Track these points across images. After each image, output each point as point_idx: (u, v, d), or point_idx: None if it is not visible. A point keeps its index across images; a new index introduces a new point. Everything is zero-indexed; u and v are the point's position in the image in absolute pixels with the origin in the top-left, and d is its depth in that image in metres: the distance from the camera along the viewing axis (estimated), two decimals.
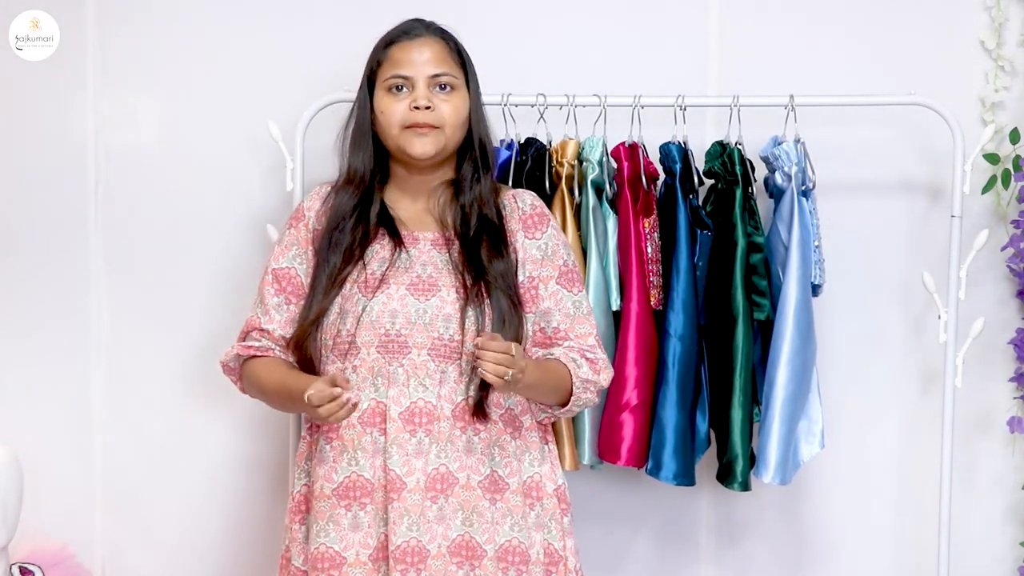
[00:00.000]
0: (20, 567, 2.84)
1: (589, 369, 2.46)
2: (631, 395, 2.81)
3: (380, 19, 2.55)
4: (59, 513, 3.09)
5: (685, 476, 2.83)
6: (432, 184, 2.52)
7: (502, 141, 2.85)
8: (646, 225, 2.84)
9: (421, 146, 2.44)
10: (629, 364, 2.80)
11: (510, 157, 2.83)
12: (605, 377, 2.49)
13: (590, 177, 2.84)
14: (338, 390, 2.25)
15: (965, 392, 2.95)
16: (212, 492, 3.12)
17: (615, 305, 2.84)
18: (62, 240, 3.08)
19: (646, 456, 2.84)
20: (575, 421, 2.85)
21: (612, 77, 3.00)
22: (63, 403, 3.10)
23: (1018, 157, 3.01)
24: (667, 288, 2.84)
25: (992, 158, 3.02)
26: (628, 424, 2.81)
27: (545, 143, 2.87)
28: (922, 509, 3.07)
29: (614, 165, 2.86)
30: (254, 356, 2.50)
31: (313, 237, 2.51)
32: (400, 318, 2.40)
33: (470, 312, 2.40)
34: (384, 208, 2.50)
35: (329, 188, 2.55)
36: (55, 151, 3.07)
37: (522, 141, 2.86)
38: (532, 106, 2.84)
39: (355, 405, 2.28)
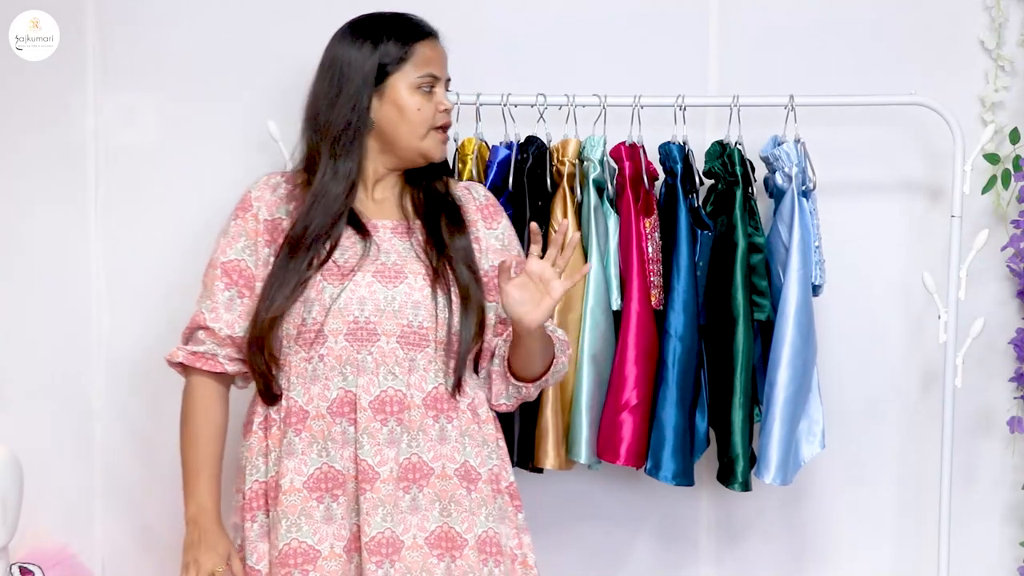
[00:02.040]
0: (20, 567, 2.84)
1: (562, 346, 2.48)
2: (631, 395, 2.81)
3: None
4: (59, 513, 3.09)
5: (684, 476, 2.83)
6: (392, 175, 2.50)
7: (502, 141, 2.85)
8: (647, 225, 2.84)
9: (443, 151, 2.46)
10: (629, 364, 2.80)
11: (510, 156, 2.83)
12: (568, 355, 2.51)
13: (591, 176, 2.84)
14: None
15: (965, 392, 2.95)
16: None
17: (615, 305, 2.84)
18: (62, 240, 3.08)
19: (645, 456, 2.84)
20: (571, 420, 2.85)
21: (612, 77, 3.00)
22: (63, 403, 3.10)
23: (1018, 157, 3.01)
24: (668, 288, 2.84)
25: (992, 158, 3.02)
26: (627, 424, 2.81)
27: (545, 143, 2.87)
28: (922, 509, 3.07)
29: (614, 165, 2.87)
30: (198, 369, 2.46)
31: (264, 228, 2.44)
32: (369, 305, 2.37)
33: (439, 297, 2.39)
34: None
35: (279, 178, 2.49)
36: (55, 151, 3.07)
37: (522, 140, 2.86)
38: (532, 106, 2.84)
39: None
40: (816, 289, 2.88)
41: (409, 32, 2.45)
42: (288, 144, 2.86)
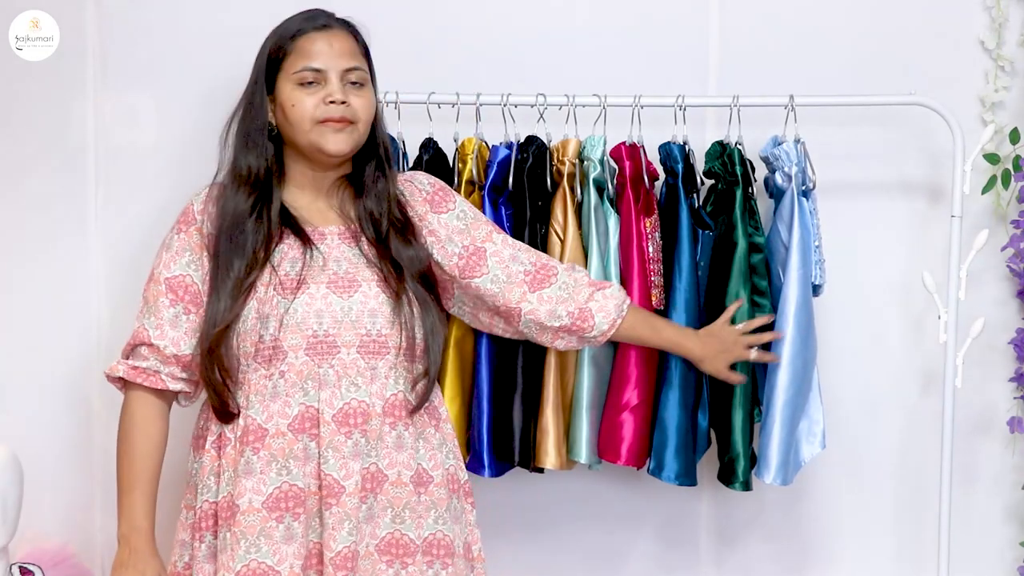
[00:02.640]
0: (20, 567, 2.84)
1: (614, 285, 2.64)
2: (631, 395, 2.81)
3: (378, 19, 2.55)
4: (59, 513, 3.08)
5: (687, 476, 2.83)
6: (329, 180, 2.46)
7: (502, 141, 2.85)
8: (647, 225, 2.84)
9: (336, 143, 2.37)
10: (631, 364, 2.80)
11: (510, 156, 2.83)
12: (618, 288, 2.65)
13: (591, 176, 2.84)
14: None
15: (965, 392, 2.95)
16: None
17: None
18: (62, 240, 3.08)
19: (646, 456, 2.84)
20: (572, 419, 2.84)
21: (612, 77, 3.00)
22: (63, 403, 3.10)
23: (1018, 157, 3.01)
24: (669, 288, 2.84)
25: (992, 158, 3.02)
26: (628, 424, 2.81)
27: (545, 142, 2.87)
28: (922, 509, 3.07)
29: (614, 165, 2.87)
30: (139, 385, 2.41)
31: (208, 242, 2.40)
32: (327, 318, 2.34)
33: (395, 303, 2.37)
34: (283, 207, 2.42)
35: (219, 189, 2.46)
36: (55, 151, 3.07)
37: (522, 140, 2.86)
38: (532, 106, 2.84)
39: None
40: (816, 289, 2.88)
41: (296, 26, 2.42)
42: None
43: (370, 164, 2.46)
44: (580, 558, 3.13)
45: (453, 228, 2.48)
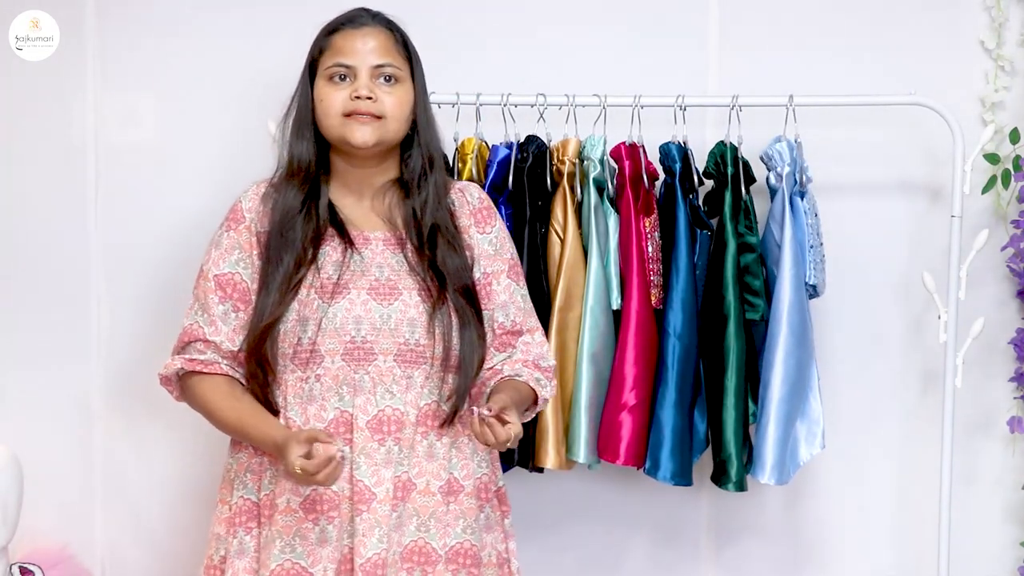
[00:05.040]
0: (20, 567, 2.84)
1: (548, 384, 2.45)
2: (629, 395, 2.81)
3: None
4: (59, 513, 3.09)
5: (682, 476, 2.83)
6: (376, 182, 2.44)
7: (502, 141, 2.85)
8: (647, 224, 2.84)
9: (361, 134, 2.35)
10: (628, 363, 2.80)
11: (510, 156, 2.83)
12: (554, 384, 2.48)
13: (591, 175, 2.84)
14: (333, 449, 2.15)
15: (965, 392, 2.96)
16: (212, 492, 3.12)
17: (615, 304, 2.84)
18: (62, 240, 3.08)
19: (644, 455, 2.84)
20: (571, 419, 2.85)
21: (612, 77, 3.00)
22: (63, 403, 3.10)
23: (1018, 157, 3.01)
24: (667, 287, 2.84)
25: (992, 158, 3.02)
26: (626, 423, 2.81)
27: (545, 142, 2.87)
28: (922, 509, 3.07)
29: (614, 165, 2.87)
30: (198, 372, 2.38)
31: (257, 240, 2.40)
32: (365, 324, 2.33)
33: (435, 313, 2.35)
34: (331, 206, 2.41)
35: (267, 187, 2.45)
36: (55, 151, 3.07)
37: (522, 140, 2.86)
38: (532, 106, 2.84)
39: (343, 458, 2.19)
40: (814, 289, 2.88)
41: (333, 24, 2.44)
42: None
43: (415, 163, 2.44)
44: (579, 558, 3.13)
45: (483, 252, 2.46)
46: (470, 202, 2.48)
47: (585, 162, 2.84)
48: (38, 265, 3.08)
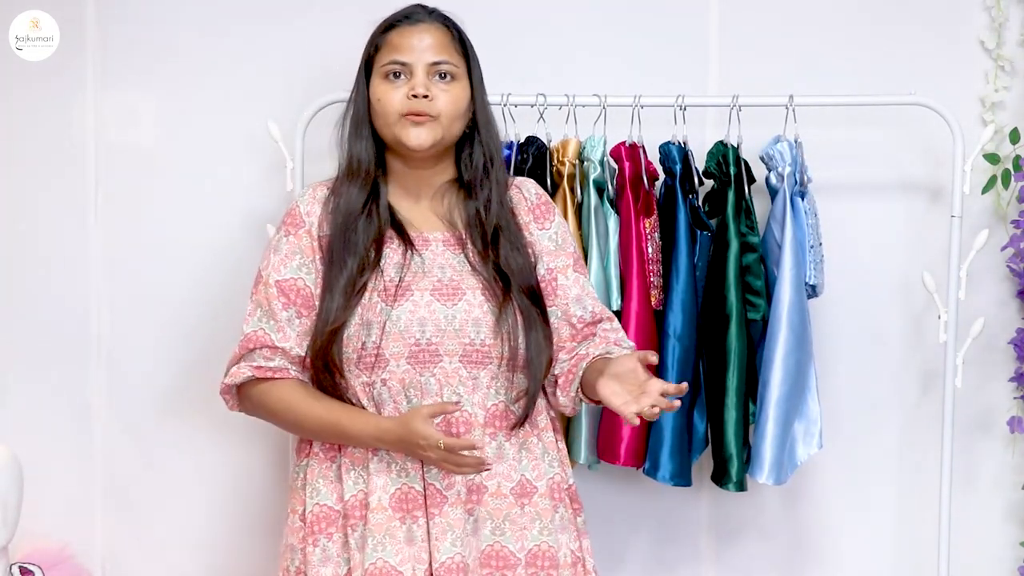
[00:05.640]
0: (20, 567, 2.84)
1: (630, 344, 2.45)
2: None
3: (381, 18, 2.55)
4: (59, 513, 3.08)
5: (682, 477, 2.83)
6: (434, 182, 2.42)
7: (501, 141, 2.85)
8: (647, 225, 2.84)
9: (416, 137, 2.33)
10: None
11: (510, 156, 2.83)
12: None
13: (591, 176, 2.84)
14: (477, 439, 2.24)
15: (965, 392, 2.95)
16: (212, 492, 3.12)
17: (615, 305, 2.84)
18: (62, 240, 3.08)
19: (644, 456, 2.84)
20: (569, 420, 2.85)
21: (612, 77, 3.00)
22: (63, 403, 3.10)
23: (1018, 157, 3.01)
24: (667, 288, 2.84)
25: (992, 158, 3.02)
26: (626, 424, 2.81)
27: (545, 143, 2.87)
28: (922, 509, 3.07)
29: (614, 165, 2.87)
30: (268, 379, 2.35)
31: (320, 244, 2.37)
32: (430, 326, 2.30)
33: (500, 312, 2.33)
34: (390, 207, 2.39)
35: (325, 190, 2.42)
36: (55, 151, 3.07)
37: (522, 141, 2.86)
38: (532, 106, 2.84)
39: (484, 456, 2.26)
40: (813, 289, 2.88)
41: (390, 20, 2.41)
42: (288, 144, 2.87)
43: (476, 164, 2.41)
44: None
45: (544, 248, 2.43)
46: (528, 198, 2.47)
47: (585, 163, 2.84)
48: (38, 265, 3.08)
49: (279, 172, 2.93)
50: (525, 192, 2.48)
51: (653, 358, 2.23)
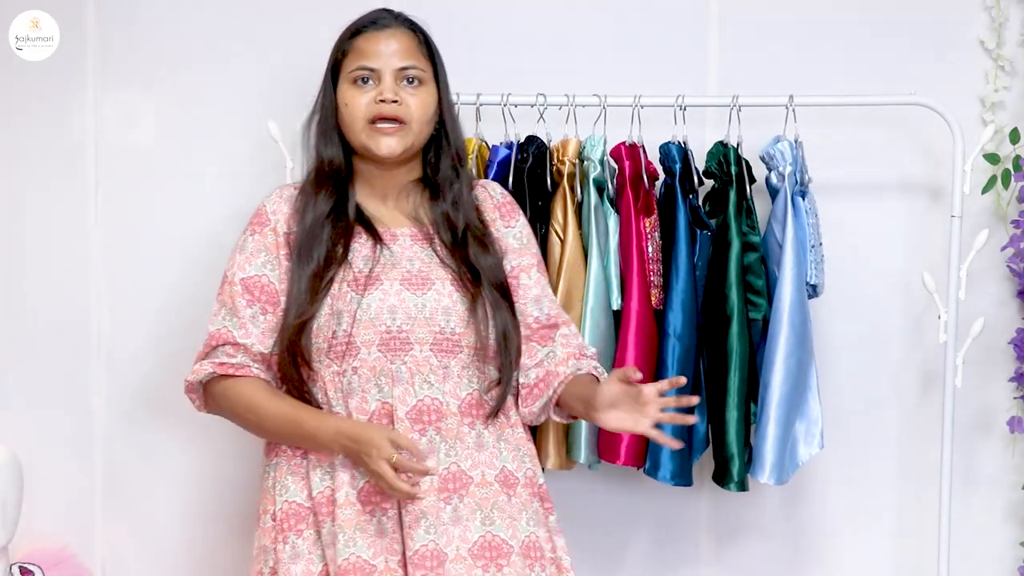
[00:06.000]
0: (20, 567, 2.84)
1: (601, 367, 2.45)
2: None
3: None
4: (59, 513, 3.08)
5: (682, 476, 2.83)
6: (400, 183, 2.44)
7: (502, 141, 2.85)
8: (647, 224, 2.84)
9: (387, 146, 2.36)
10: (629, 364, 2.80)
11: (510, 156, 2.83)
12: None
13: (592, 176, 2.84)
14: (431, 464, 2.22)
15: (965, 392, 2.95)
16: (212, 492, 3.12)
17: (616, 304, 2.84)
18: (62, 240, 3.08)
19: (644, 456, 2.84)
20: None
21: (612, 77, 3.00)
22: (63, 403, 3.10)
23: (1018, 157, 3.01)
24: (667, 288, 2.84)
25: (992, 158, 3.02)
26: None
27: (545, 142, 2.87)
28: (922, 509, 3.07)
29: (614, 165, 2.87)
30: (230, 376, 2.36)
31: (284, 241, 2.38)
32: (400, 314, 2.32)
33: (469, 302, 2.35)
34: (358, 206, 2.41)
35: (293, 190, 2.44)
36: (55, 151, 3.07)
37: (522, 140, 2.86)
38: (532, 106, 2.84)
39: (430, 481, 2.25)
40: (814, 289, 2.88)
41: (356, 25, 2.42)
42: (288, 144, 2.87)
43: (443, 166, 2.44)
44: (579, 558, 3.11)
45: (509, 246, 2.46)
46: (493, 196, 2.50)
47: (585, 162, 2.85)
48: (38, 265, 3.08)
49: (279, 172, 2.93)
50: (491, 191, 2.51)
51: (636, 374, 2.25)
